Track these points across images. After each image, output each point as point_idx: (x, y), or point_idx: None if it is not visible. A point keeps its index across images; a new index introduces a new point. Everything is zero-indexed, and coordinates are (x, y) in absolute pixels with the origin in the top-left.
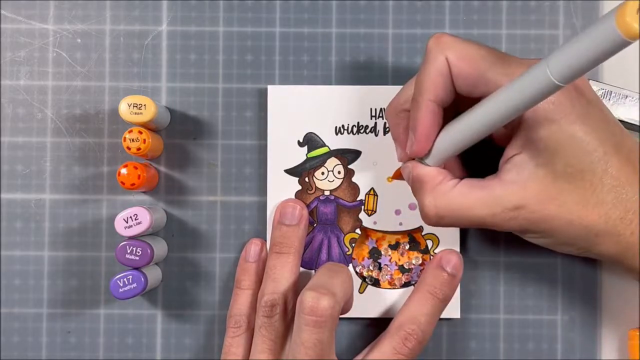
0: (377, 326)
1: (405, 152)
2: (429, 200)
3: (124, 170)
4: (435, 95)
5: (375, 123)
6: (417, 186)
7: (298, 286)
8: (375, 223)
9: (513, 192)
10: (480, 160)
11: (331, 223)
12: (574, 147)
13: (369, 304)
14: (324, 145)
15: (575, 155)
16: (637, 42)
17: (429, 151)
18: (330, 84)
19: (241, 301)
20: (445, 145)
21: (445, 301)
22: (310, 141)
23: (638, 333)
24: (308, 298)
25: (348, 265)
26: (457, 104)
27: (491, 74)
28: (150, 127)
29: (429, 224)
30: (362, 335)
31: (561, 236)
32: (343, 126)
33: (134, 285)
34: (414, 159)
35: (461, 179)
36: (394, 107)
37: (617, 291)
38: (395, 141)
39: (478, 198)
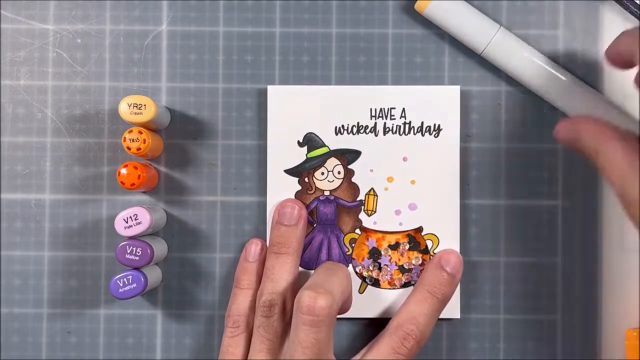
0: (377, 326)
1: None
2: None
3: (124, 171)
4: None
5: (375, 123)
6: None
7: (297, 286)
8: (375, 223)
9: None
10: None
11: (331, 223)
12: None
13: (368, 304)
14: (323, 145)
15: None
16: None
17: None
18: (330, 84)
19: (240, 301)
20: None
21: (444, 301)
22: (310, 141)
23: (635, 334)
24: (305, 297)
25: (348, 266)
26: None
27: None
28: (150, 127)
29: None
30: (362, 335)
31: None
32: (343, 126)
33: (134, 285)
34: None
35: None
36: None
37: (617, 291)
38: None
39: None
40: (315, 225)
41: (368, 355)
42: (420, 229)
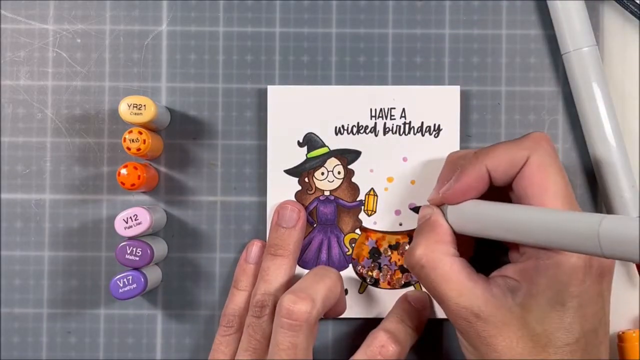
0: (377, 326)
1: (437, 196)
2: (424, 247)
3: (124, 171)
4: (493, 169)
5: (375, 123)
6: (425, 229)
7: None
8: (375, 223)
9: (489, 305)
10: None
11: (331, 223)
12: (562, 318)
13: (369, 304)
14: (323, 145)
15: (555, 327)
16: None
17: (455, 208)
18: (330, 84)
19: (236, 301)
20: (471, 218)
21: (417, 330)
22: (310, 141)
23: (635, 334)
24: (285, 301)
25: (348, 266)
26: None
27: (555, 204)
28: (150, 127)
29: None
30: (361, 336)
31: None
32: (343, 126)
33: (134, 285)
34: (439, 207)
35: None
36: (464, 153)
37: (616, 292)
38: (438, 181)
39: (460, 282)
40: (315, 225)
41: None
42: None
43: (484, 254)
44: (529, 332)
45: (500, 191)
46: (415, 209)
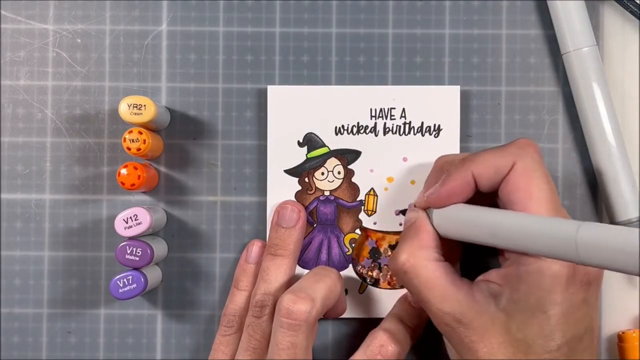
0: (376, 326)
1: (423, 199)
2: (408, 253)
3: (124, 171)
4: (479, 176)
5: (375, 123)
6: (409, 233)
7: None
8: (375, 223)
9: (471, 310)
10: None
11: (331, 223)
12: (542, 326)
13: (369, 304)
14: (323, 145)
15: (536, 334)
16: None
17: (440, 212)
18: (330, 84)
19: (237, 301)
20: (456, 222)
21: (417, 330)
22: (310, 141)
23: (635, 334)
24: (285, 301)
25: (348, 266)
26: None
27: (539, 209)
28: (150, 127)
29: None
30: (361, 336)
31: None
32: (343, 126)
33: (134, 285)
34: (425, 211)
35: (447, 258)
36: (451, 159)
37: (616, 292)
38: (425, 185)
39: (443, 287)
40: (315, 225)
41: None
42: None
43: (475, 256)
44: (510, 338)
45: (489, 196)
46: (403, 212)
